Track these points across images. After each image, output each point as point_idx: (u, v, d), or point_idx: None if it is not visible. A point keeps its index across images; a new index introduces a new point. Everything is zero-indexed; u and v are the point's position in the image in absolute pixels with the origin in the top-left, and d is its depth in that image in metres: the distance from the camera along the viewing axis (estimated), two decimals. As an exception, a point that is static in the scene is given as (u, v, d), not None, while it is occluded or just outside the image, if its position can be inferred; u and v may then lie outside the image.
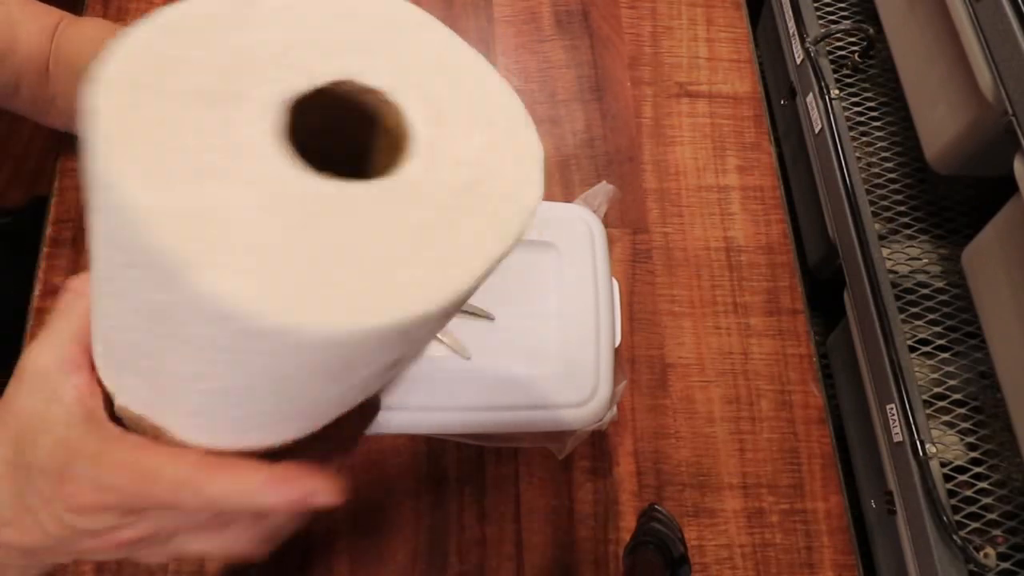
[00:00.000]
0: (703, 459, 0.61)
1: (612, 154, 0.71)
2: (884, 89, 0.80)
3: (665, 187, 0.70)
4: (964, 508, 0.61)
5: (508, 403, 0.52)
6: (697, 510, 0.59)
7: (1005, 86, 0.54)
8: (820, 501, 0.60)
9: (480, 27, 0.75)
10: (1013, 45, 0.53)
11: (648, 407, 0.62)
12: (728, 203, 0.70)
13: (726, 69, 0.75)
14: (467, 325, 0.54)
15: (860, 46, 0.78)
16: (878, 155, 0.77)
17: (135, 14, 0.72)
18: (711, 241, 0.68)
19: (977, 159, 0.64)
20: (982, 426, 0.64)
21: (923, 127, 0.69)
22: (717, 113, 0.73)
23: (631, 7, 0.77)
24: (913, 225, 0.74)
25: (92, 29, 0.56)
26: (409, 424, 0.51)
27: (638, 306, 0.65)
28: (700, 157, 0.71)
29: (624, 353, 0.63)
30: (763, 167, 0.71)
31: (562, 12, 0.76)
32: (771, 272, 0.67)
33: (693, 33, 0.77)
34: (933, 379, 0.66)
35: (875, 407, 0.67)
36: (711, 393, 0.63)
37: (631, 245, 0.67)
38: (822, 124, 0.75)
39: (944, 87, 0.65)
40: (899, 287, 0.70)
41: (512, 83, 0.73)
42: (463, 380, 0.52)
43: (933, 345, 0.68)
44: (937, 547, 0.57)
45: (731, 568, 0.58)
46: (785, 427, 0.62)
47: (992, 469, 0.63)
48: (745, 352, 0.64)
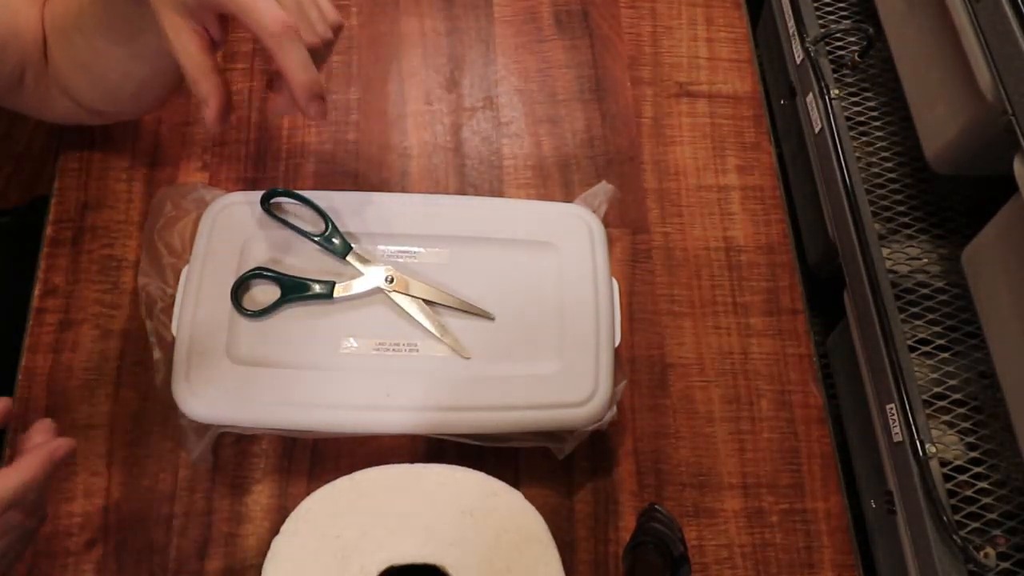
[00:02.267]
0: (703, 459, 0.61)
1: (612, 154, 0.71)
2: (884, 89, 0.80)
3: (665, 187, 0.70)
4: (964, 508, 0.61)
5: (508, 403, 0.52)
6: (697, 510, 0.59)
7: (1005, 86, 0.54)
8: (820, 501, 0.60)
9: (480, 27, 0.75)
10: (1013, 45, 0.53)
11: (648, 407, 0.62)
12: (728, 203, 0.70)
13: (726, 69, 0.75)
14: (467, 325, 0.54)
15: (860, 46, 0.78)
16: (878, 155, 0.77)
17: (135, 14, 0.72)
18: (711, 241, 0.68)
19: (977, 159, 0.64)
20: (982, 426, 0.64)
21: (923, 127, 0.69)
22: (717, 113, 0.73)
23: (631, 7, 0.77)
24: (913, 225, 0.74)
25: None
26: (409, 424, 0.51)
27: (638, 306, 0.65)
28: (700, 157, 0.71)
29: (624, 353, 0.63)
30: (763, 167, 0.71)
31: (562, 12, 0.76)
32: (771, 272, 0.67)
33: (693, 33, 0.77)
34: (933, 379, 0.66)
35: (875, 407, 0.67)
36: (711, 393, 0.63)
37: (631, 245, 0.67)
38: (822, 124, 0.75)
39: (944, 87, 0.65)
40: (899, 287, 0.70)
41: (512, 83, 0.73)
42: (463, 380, 0.52)
43: (933, 345, 0.68)
44: (937, 547, 0.57)
45: (731, 568, 0.58)
46: (785, 427, 0.62)
47: (992, 469, 0.63)
48: (745, 352, 0.64)
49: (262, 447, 0.58)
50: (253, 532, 0.56)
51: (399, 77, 0.72)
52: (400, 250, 0.56)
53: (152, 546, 0.55)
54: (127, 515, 0.56)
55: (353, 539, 0.44)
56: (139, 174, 0.66)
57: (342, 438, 0.57)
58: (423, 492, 0.47)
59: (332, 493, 0.46)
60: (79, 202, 0.65)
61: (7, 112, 0.58)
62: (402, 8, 0.75)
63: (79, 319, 0.61)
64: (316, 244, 0.55)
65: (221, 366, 0.51)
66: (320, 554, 0.44)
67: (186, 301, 0.53)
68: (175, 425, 0.57)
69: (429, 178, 0.68)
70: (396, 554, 0.44)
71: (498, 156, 0.69)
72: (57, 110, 0.59)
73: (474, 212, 0.58)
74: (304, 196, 0.56)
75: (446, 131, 0.70)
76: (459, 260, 0.56)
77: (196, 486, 0.57)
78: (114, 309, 0.61)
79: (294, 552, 0.44)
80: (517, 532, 0.46)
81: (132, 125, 0.67)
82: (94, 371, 0.59)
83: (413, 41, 0.74)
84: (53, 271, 0.62)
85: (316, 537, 0.45)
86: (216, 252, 0.54)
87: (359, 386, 0.52)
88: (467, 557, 0.44)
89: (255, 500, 0.57)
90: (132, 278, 0.62)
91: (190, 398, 0.50)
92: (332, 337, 0.53)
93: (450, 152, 0.69)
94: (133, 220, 0.64)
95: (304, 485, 0.58)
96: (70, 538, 0.55)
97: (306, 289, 0.54)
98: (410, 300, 0.54)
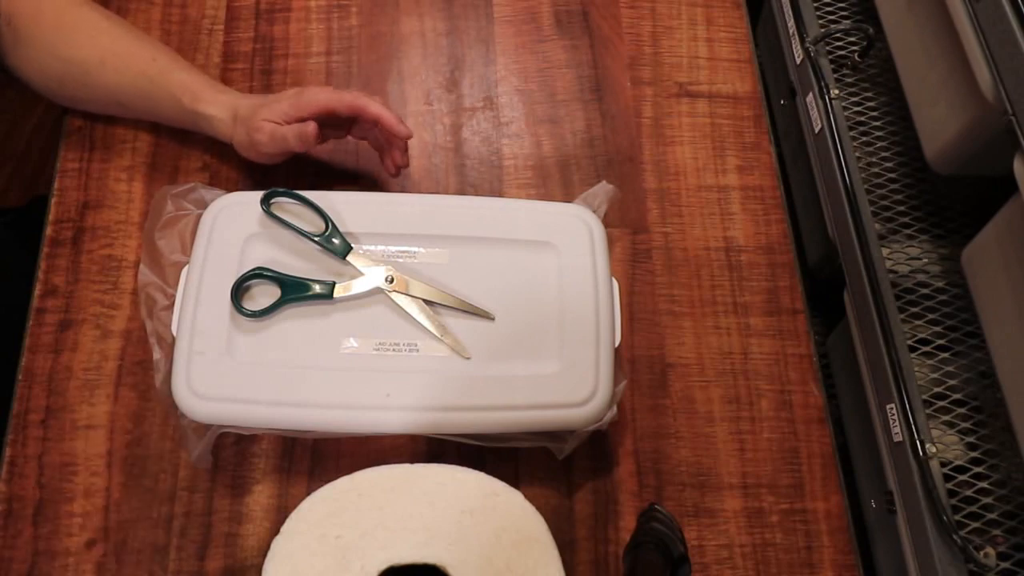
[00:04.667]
0: (703, 459, 0.61)
1: (612, 154, 0.71)
2: (884, 89, 0.80)
3: (665, 187, 0.70)
4: (964, 508, 0.61)
5: (508, 403, 0.52)
6: (697, 510, 0.59)
7: (1005, 86, 0.54)
8: (820, 501, 0.60)
9: (480, 27, 0.75)
10: (1013, 45, 0.53)
11: (648, 407, 0.62)
12: (728, 203, 0.70)
13: (726, 69, 0.75)
14: (467, 325, 0.54)
15: (860, 46, 0.78)
16: (878, 155, 0.77)
17: (135, 14, 0.72)
18: (711, 241, 0.68)
19: (977, 159, 0.64)
20: (982, 426, 0.64)
21: (923, 127, 0.69)
22: (717, 113, 0.73)
23: (631, 7, 0.77)
24: (913, 225, 0.74)
25: (48, 5, 0.59)
26: (409, 424, 0.51)
27: (638, 306, 0.65)
28: (700, 157, 0.71)
29: (624, 353, 0.63)
30: (763, 167, 0.71)
31: (562, 12, 0.76)
32: (771, 272, 0.67)
33: (693, 33, 0.77)
34: (933, 379, 0.66)
35: (875, 407, 0.67)
36: (711, 393, 0.63)
37: (631, 245, 0.67)
38: (822, 124, 0.75)
39: (944, 87, 0.65)
40: (899, 287, 0.70)
41: (512, 83, 0.73)
42: (463, 380, 0.52)
43: (933, 345, 0.68)
44: (937, 547, 0.57)
45: (731, 568, 0.58)
46: (785, 427, 0.62)
47: (992, 469, 0.63)
48: (745, 352, 0.64)
49: (262, 447, 0.58)
50: (253, 532, 0.56)
51: (399, 77, 0.72)
52: (400, 250, 0.56)
53: (152, 546, 0.55)
54: (127, 515, 0.56)
55: (353, 539, 0.45)
56: (139, 174, 0.66)
57: (342, 438, 0.57)
58: (423, 492, 0.47)
59: (332, 493, 0.46)
60: (79, 202, 0.65)
61: (8, 113, 0.58)
62: (402, 8, 0.75)
63: (79, 319, 0.61)
64: (316, 244, 0.55)
65: (221, 366, 0.51)
66: (320, 554, 0.44)
67: (186, 301, 0.53)
68: (175, 425, 0.57)
69: (429, 178, 0.68)
70: (396, 554, 0.44)
71: (498, 156, 0.69)
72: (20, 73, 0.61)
73: (474, 212, 0.58)
74: (304, 196, 0.56)
75: (446, 131, 0.70)
76: (459, 260, 0.56)
77: (196, 486, 0.57)
78: (114, 309, 0.61)
79: (294, 552, 0.44)
80: (517, 532, 0.46)
81: (132, 125, 0.67)
82: (94, 371, 0.59)
83: (413, 41, 0.74)
84: (53, 271, 0.62)
85: (316, 537, 0.45)
86: (216, 252, 0.54)
87: (359, 386, 0.51)
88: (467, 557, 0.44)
89: (255, 500, 0.57)
90: (132, 278, 0.62)
91: (190, 398, 0.50)
92: (332, 337, 0.53)
93: (450, 152, 0.69)
94: (133, 220, 0.64)
95: (304, 485, 0.58)
96: (70, 538, 0.55)
97: (306, 289, 0.54)
98: (410, 300, 0.54)
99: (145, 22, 0.72)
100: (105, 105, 0.63)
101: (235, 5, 0.74)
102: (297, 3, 0.74)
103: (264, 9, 0.74)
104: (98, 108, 0.65)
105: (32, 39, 0.57)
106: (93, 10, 0.61)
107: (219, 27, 0.72)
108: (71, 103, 0.65)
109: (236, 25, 0.73)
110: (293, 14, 0.74)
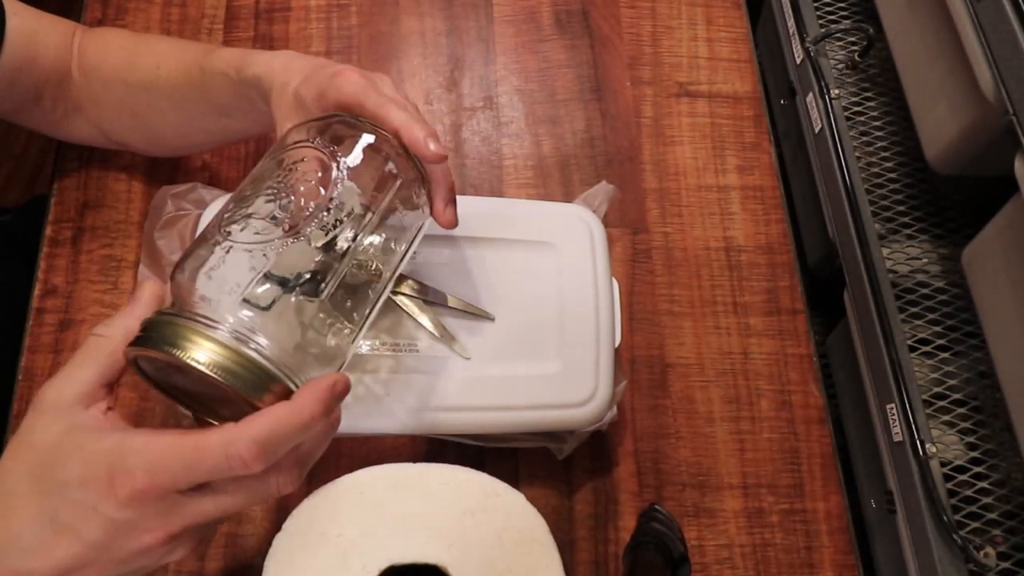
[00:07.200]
0: (703, 459, 0.61)
1: (612, 154, 0.71)
2: (884, 89, 0.80)
3: (665, 187, 0.70)
4: (964, 508, 0.61)
5: (508, 403, 0.52)
6: (697, 510, 0.59)
7: (1005, 86, 0.54)
8: (820, 501, 0.60)
9: (480, 27, 0.75)
10: (1013, 45, 0.53)
11: (648, 407, 0.62)
12: (728, 203, 0.70)
13: (726, 69, 0.75)
14: (467, 325, 0.54)
15: (860, 46, 0.78)
16: (878, 155, 0.77)
17: (135, 13, 0.72)
18: (711, 241, 0.68)
19: (977, 159, 0.64)
20: (982, 426, 0.64)
21: (923, 127, 0.69)
22: (717, 113, 0.73)
23: (631, 7, 0.77)
24: (913, 225, 0.74)
25: (115, 37, 0.58)
26: (409, 424, 0.51)
27: (638, 306, 0.65)
28: (700, 157, 0.71)
29: (624, 353, 0.63)
30: (763, 167, 0.71)
31: (562, 12, 0.76)
32: (771, 272, 0.67)
33: (693, 33, 0.77)
34: (933, 379, 0.66)
35: (875, 407, 0.67)
36: (711, 393, 0.63)
37: (631, 245, 0.67)
38: (822, 124, 0.75)
39: (944, 87, 0.65)
40: (899, 287, 0.70)
41: (512, 83, 0.73)
42: (463, 380, 0.52)
43: (933, 345, 0.68)
44: (937, 547, 0.57)
45: (731, 568, 0.58)
46: (785, 427, 0.62)
47: (992, 469, 0.63)
48: (745, 352, 0.64)
49: (262, 447, 0.58)
50: (253, 532, 0.56)
51: (399, 77, 0.72)
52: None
53: (152, 546, 0.55)
54: (127, 515, 0.56)
55: (354, 538, 0.45)
56: (139, 174, 0.66)
57: (342, 438, 0.57)
58: (425, 492, 0.47)
59: (333, 492, 0.46)
60: (79, 202, 0.65)
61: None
62: (402, 8, 0.75)
63: (79, 319, 0.61)
64: (316, 244, 0.55)
65: (221, 366, 0.51)
66: (321, 553, 0.44)
67: (186, 301, 0.53)
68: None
69: (429, 178, 0.68)
70: (397, 553, 0.44)
71: (498, 156, 0.69)
72: (75, 133, 0.60)
73: (474, 212, 0.58)
74: (304, 196, 0.56)
75: (446, 131, 0.70)
76: (459, 260, 0.56)
77: (196, 486, 0.57)
78: (114, 309, 0.61)
79: (295, 551, 0.44)
80: (518, 532, 0.46)
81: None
82: (94, 371, 0.59)
83: (413, 41, 0.74)
84: (53, 271, 0.62)
85: (317, 536, 0.45)
86: (216, 252, 0.54)
87: (359, 386, 0.51)
88: (468, 557, 0.44)
89: (255, 500, 0.57)
90: (132, 278, 0.62)
91: (190, 398, 0.50)
92: (332, 337, 0.53)
93: (450, 152, 0.69)
94: (133, 220, 0.64)
95: (304, 485, 0.57)
96: (70, 538, 0.55)
97: (306, 289, 0.54)
98: (410, 300, 0.54)
99: (144, 22, 0.72)
100: (165, 126, 0.59)
101: (234, 4, 0.73)
102: (297, 2, 0.74)
103: (264, 8, 0.74)
104: (159, 132, 0.60)
105: (99, 70, 0.57)
106: (150, 35, 0.62)
107: (218, 26, 0.72)
108: (130, 133, 0.61)
109: (236, 24, 0.73)
110: (292, 13, 0.74)
